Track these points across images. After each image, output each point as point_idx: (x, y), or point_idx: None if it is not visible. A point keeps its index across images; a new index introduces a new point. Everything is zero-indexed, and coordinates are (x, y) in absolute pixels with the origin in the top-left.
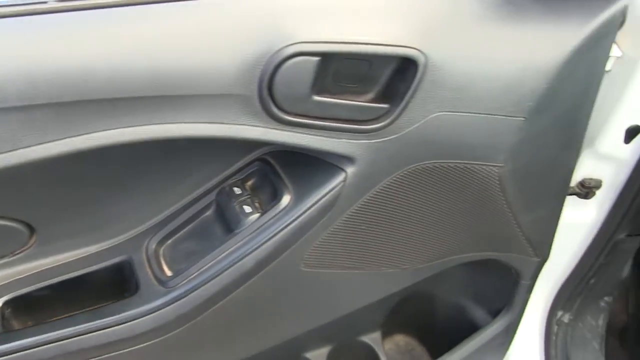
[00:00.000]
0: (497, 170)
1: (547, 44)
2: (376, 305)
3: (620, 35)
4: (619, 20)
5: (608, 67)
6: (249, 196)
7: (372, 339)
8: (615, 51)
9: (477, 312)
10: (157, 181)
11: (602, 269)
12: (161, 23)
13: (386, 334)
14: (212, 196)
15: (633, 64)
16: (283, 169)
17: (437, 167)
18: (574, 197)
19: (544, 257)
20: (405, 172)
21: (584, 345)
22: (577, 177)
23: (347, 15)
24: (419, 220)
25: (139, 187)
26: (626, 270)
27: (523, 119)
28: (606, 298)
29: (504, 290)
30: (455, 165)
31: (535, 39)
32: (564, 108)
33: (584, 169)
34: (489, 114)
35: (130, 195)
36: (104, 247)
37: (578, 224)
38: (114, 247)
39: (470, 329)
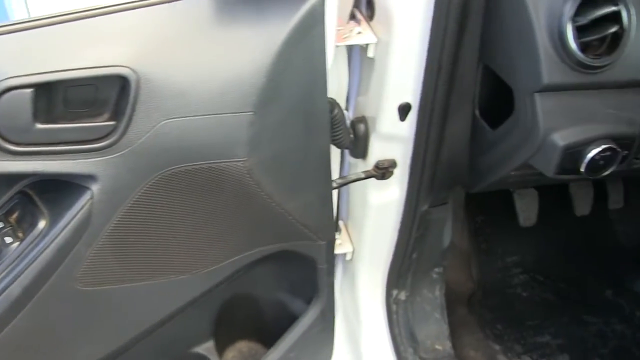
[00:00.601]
0: (242, 165)
1: (258, 41)
2: (196, 314)
3: (375, 23)
4: (321, 10)
5: (370, 54)
6: (10, 227)
7: (206, 349)
8: (371, 38)
9: (296, 304)
10: None
11: (418, 242)
12: None
13: (225, 342)
14: None
15: (387, 47)
16: (39, 196)
17: (184, 172)
18: (373, 179)
19: (329, 239)
20: (154, 181)
21: (425, 318)
22: (372, 160)
23: (60, 45)
24: (187, 225)
25: None
26: (446, 240)
27: (252, 113)
28: (436, 269)
29: (310, 278)
30: (200, 167)
31: (247, 38)
32: (294, 97)
33: (377, 152)
34: (216, 114)
35: None
36: None
37: (386, 204)
38: None
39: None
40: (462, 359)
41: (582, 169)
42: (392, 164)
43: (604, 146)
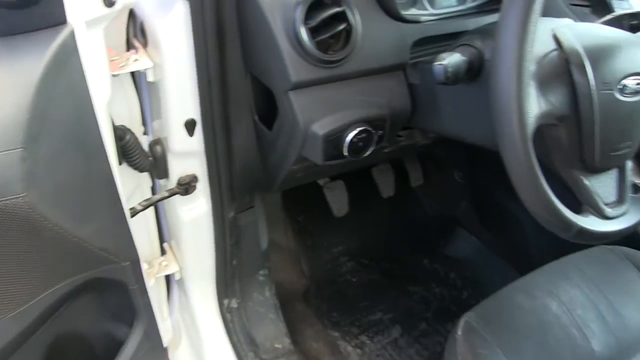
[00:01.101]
0: (22, 201)
1: (16, 80)
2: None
3: (149, 49)
4: (73, 44)
5: (150, 78)
6: None
7: None
8: (147, 64)
9: (123, 331)
10: None
11: (235, 248)
12: None
13: None
14: None
15: (162, 70)
16: None
17: None
18: (181, 196)
19: (132, 259)
20: None
21: (261, 320)
22: (174, 179)
23: None
24: None
25: None
26: (264, 242)
27: (22, 149)
28: (261, 272)
29: (127, 301)
30: None
31: (4, 78)
32: (64, 129)
33: (177, 170)
34: None
35: None
36: None
37: (197, 218)
38: None
39: None
40: (305, 352)
41: (345, 153)
42: (193, 179)
43: (359, 129)
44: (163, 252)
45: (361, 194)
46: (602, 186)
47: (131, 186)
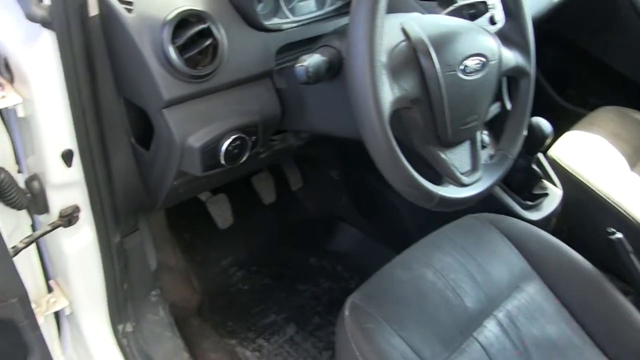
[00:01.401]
0: None
1: None
2: None
3: (17, 85)
4: None
5: (20, 114)
6: None
7: None
8: (16, 99)
9: None
10: None
11: (124, 272)
12: None
13: None
14: None
15: (33, 104)
16: None
17: None
18: (64, 229)
19: (19, 295)
20: None
21: (158, 340)
22: (55, 212)
23: None
24: None
25: None
26: (152, 263)
27: None
28: (153, 292)
29: (18, 340)
30: None
31: None
32: None
33: (57, 202)
34: None
35: None
36: None
37: (83, 249)
38: None
39: None
40: None
41: (223, 161)
42: (75, 209)
43: (233, 137)
44: (50, 290)
45: (244, 203)
46: (458, 158)
47: (10, 226)
